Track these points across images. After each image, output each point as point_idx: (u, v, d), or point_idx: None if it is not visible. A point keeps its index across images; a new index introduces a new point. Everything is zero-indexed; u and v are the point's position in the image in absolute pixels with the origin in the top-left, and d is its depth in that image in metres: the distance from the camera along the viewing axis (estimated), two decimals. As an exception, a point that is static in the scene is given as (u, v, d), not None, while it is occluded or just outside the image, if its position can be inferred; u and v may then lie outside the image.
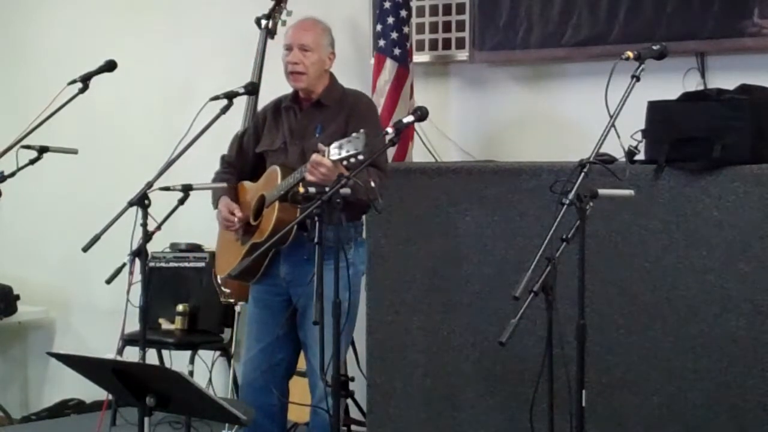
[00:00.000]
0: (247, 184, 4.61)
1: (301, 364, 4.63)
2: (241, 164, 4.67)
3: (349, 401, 5.41)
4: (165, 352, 6.00)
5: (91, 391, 5.96)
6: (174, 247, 6.08)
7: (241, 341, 5.80)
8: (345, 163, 3.93)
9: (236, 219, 4.47)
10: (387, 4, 5.42)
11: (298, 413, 4.93)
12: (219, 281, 5.42)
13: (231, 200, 4.54)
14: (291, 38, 4.51)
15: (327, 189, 3.83)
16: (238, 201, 4.58)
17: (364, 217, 4.56)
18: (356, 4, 5.83)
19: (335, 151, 3.96)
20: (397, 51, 5.42)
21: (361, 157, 3.89)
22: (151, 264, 5.75)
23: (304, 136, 4.47)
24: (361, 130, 3.92)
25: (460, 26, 5.54)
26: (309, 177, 4.08)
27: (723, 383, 4.24)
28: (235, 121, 5.26)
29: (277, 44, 5.49)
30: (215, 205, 4.59)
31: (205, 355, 5.97)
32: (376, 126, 4.42)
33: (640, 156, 4.28)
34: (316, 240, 3.82)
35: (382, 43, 5.44)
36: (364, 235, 4.57)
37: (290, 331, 4.47)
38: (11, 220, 6.82)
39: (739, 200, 4.20)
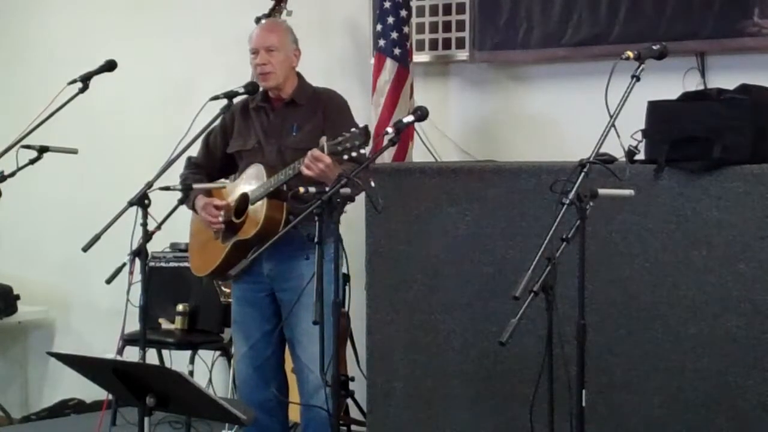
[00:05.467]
0: (224, 182, 4.64)
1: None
2: (209, 165, 4.70)
3: (349, 401, 5.41)
4: (165, 352, 6.00)
5: (91, 391, 5.96)
6: (174, 246, 6.08)
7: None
8: (346, 157, 3.95)
9: (221, 214, 4.48)
10: (387, 4, 5.42)
11: (295, 411, 4.93)
12: (219, 281, 5.43)
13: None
14: (255, 42, 4.56)
15: (327, 189, 3.84)
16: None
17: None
18: (356, 4, 5.83)
19: (334, 147, 3.97)
20: (397, 51, 5.42)
21: (363, 151, 3.91)
22: (151, 264, 5.75)
23: (281, 135, 4.50)
24: (361, 125, 3.95)
25: (460, 26, 5.54)
26: (306, 171, 4.10)
27: (723, 383, 4.24)
28: (235, 121, 5.26)
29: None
30: (190, 205, 4.59)
31: (205, 355, 5.97)
32: (352, 121, 4.45)
33: (640, 156, 4.28)
34: (316, 240, 3.83)
35: (382, 42, 5.44)
36: (343, 231, 4.57)
37: (275, 327, 4.51)
38: (11, 220, 6.82)
39: (739, 200, 4.20)
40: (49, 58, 6.82)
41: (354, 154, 3.92)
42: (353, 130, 3.94)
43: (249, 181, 4.46)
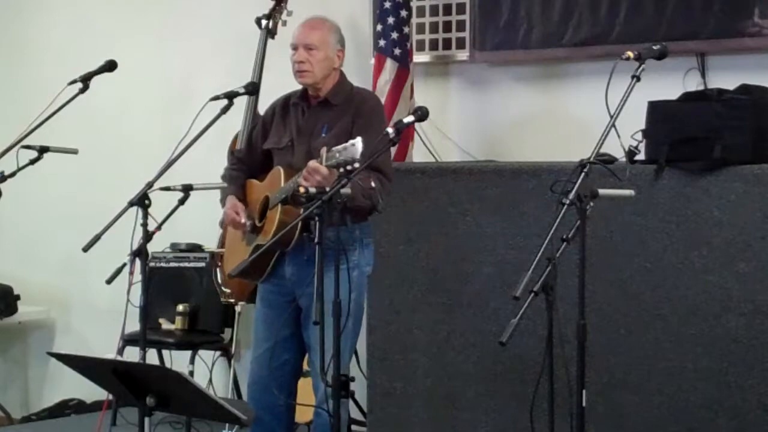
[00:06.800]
0: (254, 182, 4.61)
1: (305, 364, 4.64)
2: (251, 160, 4.66)
3: (350, 401, 5.40)
4: (165, 352, 5.99)
5: (91, 391, 5.96)
6: (174, 247, 6.08)
7: (241, 341, 5.81)
8: (341, 170, 3.91)
9: (242, 220, 4.47)
10: (387, 4, 5.42)
11: (298, 413, 4.93)
12: (219, 281, 5.43)
13: (239, 198, 4.54)
14: (297, 38, 4.49)
15: (327, 189, 3.83)
16: (245, 199, 4.57)
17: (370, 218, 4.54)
18: (356, 4, 5.83)
19: (332, 158, 3.94)
20: (397, 51, 5.42)
21: (357, 165, 3.86)
22: (152, 264, 5.75)
23: (311, 135, 4.45)
24: (358, 138, 3.88)
25: (461, 26, 5.54)
26: (304, 183, 4.06)
27: (723, 383, 4.24)
28: (235, 121, 5.26)
29: (277, 44, 5.50)
30: (224, 203, 4.58)
31: (205, 355, 5.96)
32: (381, 128, 4.40)
33: (641, 156, 4.28)
34: (316, 240, 3.82)
35: (382, 43, 5.44)
36: (371, 236, 4.55)
37: (296, 332, 4.47)
38: (11, 220, 6.82)
39: (739, 200, 4.20)
40: (49, 58, 6.82)
41: (349, 167, 3.87)
42: (350, 142, 3.88)
43: (270, 184, 4.44)
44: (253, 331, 4.72)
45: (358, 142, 3.85)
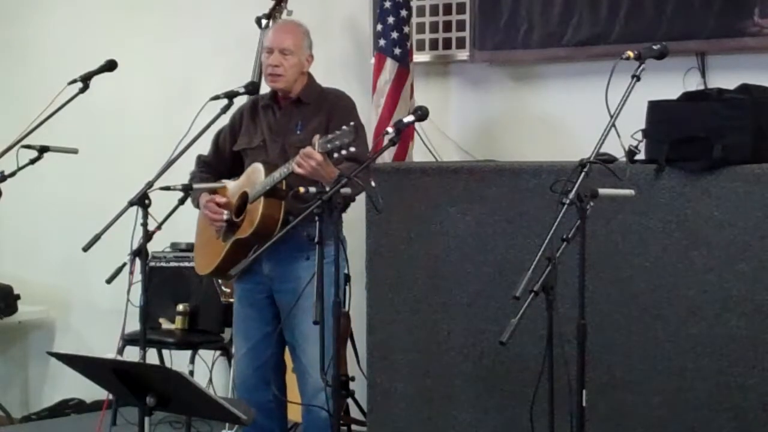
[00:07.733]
0: (226, 182, 4.63)
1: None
2: (218, 163, 4.70)
3: (350, 401, 5.41)
4: (165, 352, 5.99)
5: (91, 391, 5.97)
6: (174, 246, 6.08)
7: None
8: (336, 155, 3.95)
9: (224, 212, 4.48)
10: (387, 4, 5.42)
11: (297, 413, 4.93)
12: (219, 281, 5.43)
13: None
14: (272, 41, 4.54)
15: (327, 189, 3.84)
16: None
17: (343, 214, 4.56)
18: (356, 4, 5.83)
19: (325, 144, 3.98)
20: (397, 51, 5.41)
21: (353, 149, 3.91)
22: (152, 264, 5.75)
23: (285, 133, 4.51)
24: (351, 123, 3.95)
25: (461, 26, 5.54)
26: (297, 169, 4.10)
27: (723, 383, 4.24)
28: (235, 120, 5.26)
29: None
30: (195, 203, 4.60)
31: (206, 355, 5.97)
32: (357, 123, 4.44)
33: (641, 156, 4.28)
34: (317, 240, 3.83)
35: (382, 42, 5.44)
36: (343, 231, 4.58)
37: (276, 327, 4.51)
38: (11, 220, 6.82)
39: (739, 200, 4.20)
40: (49, 58, 6.82)
41: (344, 152, 3.92)
42: (344, 127, 3.94)
43: (248, 180, 4.47)
44: (234, 331, 4.73)
45: (351, 127, 3.89)
